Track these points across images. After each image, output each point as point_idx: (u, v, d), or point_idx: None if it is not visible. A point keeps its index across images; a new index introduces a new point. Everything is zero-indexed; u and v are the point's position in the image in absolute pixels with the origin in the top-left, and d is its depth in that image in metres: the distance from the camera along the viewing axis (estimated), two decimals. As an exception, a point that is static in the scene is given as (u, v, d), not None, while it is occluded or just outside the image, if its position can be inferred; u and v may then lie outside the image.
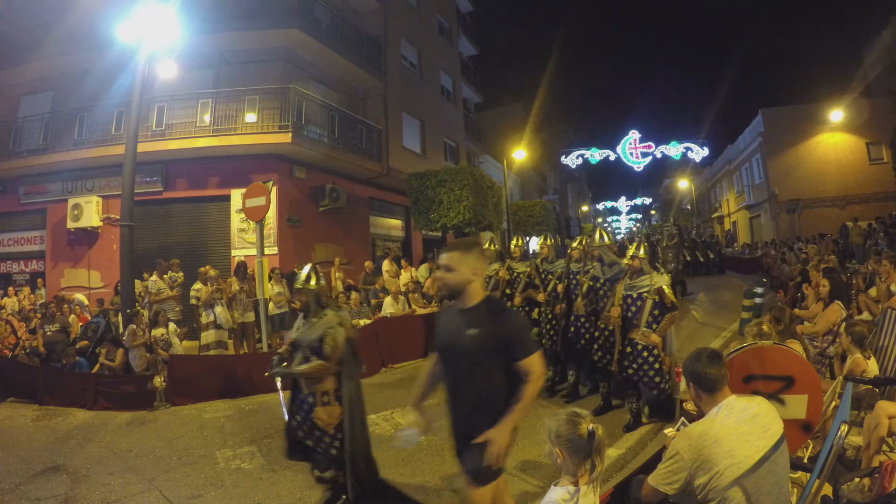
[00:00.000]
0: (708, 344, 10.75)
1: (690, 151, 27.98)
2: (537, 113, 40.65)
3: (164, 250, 13.78)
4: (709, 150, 29.05)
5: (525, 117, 38.84)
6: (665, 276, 6.60)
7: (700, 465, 2.65)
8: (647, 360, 6.19)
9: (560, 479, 2.53)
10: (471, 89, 31.76)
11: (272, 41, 15.54)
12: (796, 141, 29.76)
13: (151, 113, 14.63)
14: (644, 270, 6.48)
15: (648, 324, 6.29)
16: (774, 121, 30.55)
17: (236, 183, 14.52)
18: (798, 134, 29.61)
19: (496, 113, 40.21)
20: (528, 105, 40.83)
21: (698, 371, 2.89)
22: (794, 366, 3.71)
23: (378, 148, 18.81)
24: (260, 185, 10.87)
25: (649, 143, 27.90)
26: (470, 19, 32.46)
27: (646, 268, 6.51)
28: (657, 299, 6.27)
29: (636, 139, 27.97)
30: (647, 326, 6.27)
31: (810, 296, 9.29)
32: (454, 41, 28.62)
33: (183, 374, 8.93)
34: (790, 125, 29.73)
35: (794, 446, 3.75)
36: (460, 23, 30.04)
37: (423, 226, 18.06)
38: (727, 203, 43.07)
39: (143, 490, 5.34)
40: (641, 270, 6.48)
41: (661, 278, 6.43)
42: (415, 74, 22.95)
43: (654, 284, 6.27)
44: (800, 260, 16.85)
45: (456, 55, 28.86)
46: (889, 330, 5.96)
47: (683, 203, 59.37)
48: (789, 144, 29.92)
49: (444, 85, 26.46)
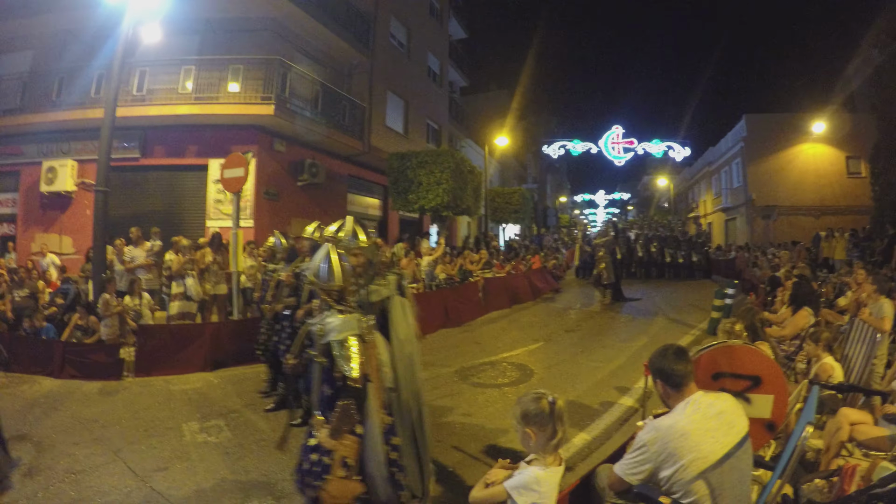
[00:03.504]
0: (677, 341, 10.98)
1: (672, 150, 28.35)
2: (522, 101, 40.79)
3: (138, 218, 13.60)
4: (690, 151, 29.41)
5: (510, 104, 38.85)
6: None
7: (666, 458, 2.72)
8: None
9: (532, 459, 2.64)
10: (457, 72, 31.71)
11: (261, 10, 15.30)
12: (777, 148, 30.10)
13: (133, 77, 14.36)
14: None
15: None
16: (757, 127, 30.85)
17: (215, 153, 14.34)
18: (779, 142, 29.94)
19: (481, 98, 40.17)
20: (513, 92, 40.93)
21: (665, 367, 2.94)
22: (762, 366, 3.81)
23: (360, 125, 18.70)
24: (239, 155, 10.78)
25: (632, 139, 28.20)
26: (462, 2, 32.28)
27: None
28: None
29: (619, 134, 28.27)
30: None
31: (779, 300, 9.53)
32: (444, 23, 28.49)
33: (152, 345, 8.84)
34: (772, 132, 30.05)
35: (757, 444, 3.84)
36: (452, 4, 29.91)
37: (401, 206, 18.08)
38: (704, 204, 43.48)
39: (108, 461, 5.29)
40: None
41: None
42: (402, 54, 22.82)
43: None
44: (771, 265, 17.13)
45: (445, 37, 28.75)
46: (855, 339, 6.12)
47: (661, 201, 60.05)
48: (770, 151, 30.24)
49: (430, 66, 26.36)
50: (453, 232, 28.07)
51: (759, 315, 5.93)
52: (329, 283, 3.41)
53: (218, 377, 8.53)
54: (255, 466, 5.21)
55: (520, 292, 16.47)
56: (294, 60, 15.89)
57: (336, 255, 3.48)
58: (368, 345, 3.41)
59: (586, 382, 8.03)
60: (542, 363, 9.27)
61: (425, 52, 25.44)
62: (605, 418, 6.46)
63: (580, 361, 9.36)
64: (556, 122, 51.30)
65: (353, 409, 3.19)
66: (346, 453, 3.20)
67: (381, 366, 3.71)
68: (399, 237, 18.83)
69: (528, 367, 8.93)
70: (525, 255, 21.85)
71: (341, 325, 3.30)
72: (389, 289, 4.22)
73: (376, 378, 3.51)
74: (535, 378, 8.33)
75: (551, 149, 29.51)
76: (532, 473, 2.57)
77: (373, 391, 3.41)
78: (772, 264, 17.34)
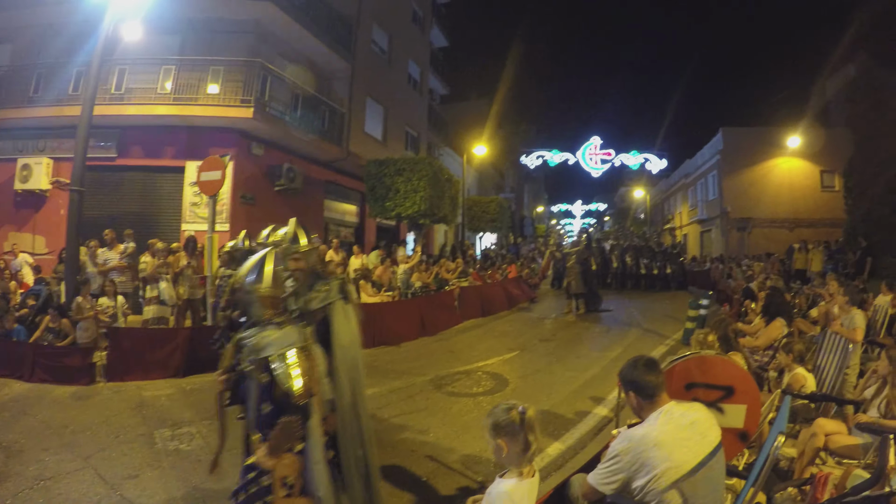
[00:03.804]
0: (651, 351, 11.05)
1: (649, 162, 28.50)
2: (501, 110, 40.94)
3: (113, 219, 13.47)
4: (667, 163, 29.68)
5: (489, 113, 38.92)
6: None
7: (639, 468, 2.72)
8: None
9: (506, 472, 2.60)
10: (438, 80, 31.77)
11: (244, 12, 15.21)
12: (753, 162, 30.55)
13: (112, 75, 14.21)
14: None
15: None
16: (734, 140, 31.29)
17: (192, 155, 14.22)
18: (755, 155, 30.40)
19: (461, 106, 40.21)
20: (492, 102, 41.02)
21: (636, 379, 2.95)
22: (735, 377, 3.85)
23: (339, 131, 18.66)
24: (217, 158, 10.73)
25: (609, 151, 28.29)
26: (445, 10, 32.34)
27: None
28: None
29: (597, 145, 28.34)
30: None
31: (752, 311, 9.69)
32: (426, 30, 28.54)
33: (125, 349, 8.73)
34: (748, 146, 30.51)
35: (731, 453, 3.90)
36: (435, 13, 29.96)
37: (378, 213, 18.06)
38: (680, 215, 43.94)
39: (78, 468, 5.22)
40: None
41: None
42: (383, 60, 22.82)
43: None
44: (745, 276, 17.37)
45: (427, 45, 28.81)
46: (828, 349, 6.23)
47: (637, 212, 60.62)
48: (746, 164, 30.68)
49: (411, 73, 26.39)
50: (430, 240, 28.06)
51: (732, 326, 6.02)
52: (255, 287, 3.21)
53: (191, 383, 8.44)
54: (228, 475, 5.16)
55: (495, 301, 16.50)
56: (275, 64, 15.81)
57: (272, 259, 3.34)
58: (311, 358, 3.28)
59: (561, 392, 8.05)
60: (517, 372, 9.29)
61: (406, 59, 25.47)
62: (579, 428, 6.49)
63: (555, 371, 9.39)
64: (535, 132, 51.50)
65: (297, 426, 3.06)
66: (286, 472, 3.05)
67: (320, 378, 3.55)
68: (376, 244, 18.82)
69: (502, 377, 8.94)
70: (501, 265, 21.91)
71: (281, 338, 3.16)
72: (332, 294, 4.05)
73: (318, 392, 3.36)
74: (509, 387, 8.34)
75: (529, 159, 29.55)
76: (503, 489, 2.54)
77: (316, 406, 3.28)
78: (746, 275, 17.57)
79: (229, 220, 14.61)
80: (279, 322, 3.25)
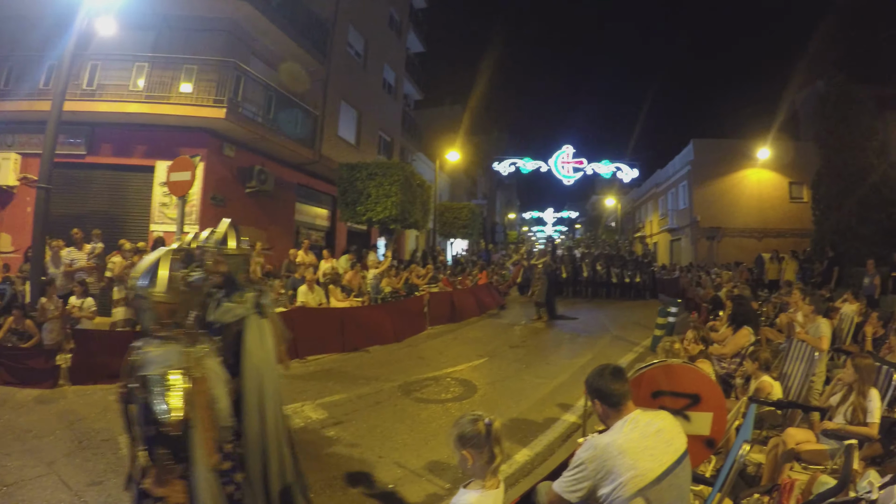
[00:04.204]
0: (620, 358, 11.22)
1: (620, 171, 28.92)
2: (475, 117, 41.14)
3: (81, 218, 13.25)
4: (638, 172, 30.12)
5: (462, 120, 39.06)
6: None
7: (604, 476, 2.72)
8: None
9: (470, 482, 2.60)
10: (413, 85, 31.74)
11: (220, 10, 15.10)
12: (723, 172, 31.12)
13: (84, 71, 14.00)
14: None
15: None
16: (704, 151, 31.83)
17: (163, 154, 14.02)
18: (725, 166, 30.99)
19: (435, 112, 40.30)
20: (466, 108, 41.22)
21: (602, 387, 2.96)
22: (702, 385, 3.89)
23: (312, 134, 18.60)
24: (187, 159, 10.60)
25: (581, 160, 28.65)
26: (422, 16, 32.38)
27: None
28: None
29: (569, 154, 28.68)
30: None
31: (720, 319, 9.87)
32: (403, 35, 28.53)
33: (91, 352, 8.57)
34: (719, 157, 31.09)
35: (697, 460, 3.93)
36: (411, 18, 29.97)
37: (349, 217, 18.00)
38: (650, 224, 44.42)
39: (41, 474, 5.12)
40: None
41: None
42: (358, 64, 22.78)
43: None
44: (714, 284, 17.64)
45: (402, 50, 28.80)
46: (794, 357, 6.38)
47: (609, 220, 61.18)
48: (716, 175, 31.24)
49: (386, 78, 26.35)
50: (401, 245, 28.04)
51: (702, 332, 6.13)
52: (147, 291, 2.91)
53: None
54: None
55: (465, 307, 16.51)
56: (249, 64, 15.72)
57: (167, 262, 3.01)
58: (197, 381, 2.90)
59: (530, 399, 8.09)
60: (486, 379, 9.29)
61: (382, 64, 25.43)
62: (547, 434, 6.53)
63: (524, 377, 9.43)
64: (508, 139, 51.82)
65: (169, 460, 2.76)
66: (179, 500, 2.80)
67: (215, 402, 3.13)
68: (346, 249, 18.76)
69: (471, 383, 8.94)
70: (472, 271, 21.97)
71: (160, 358, 2.84)
72: (246, 307, 3.85)
73: (206, 418, 2.98)
74: (478, 394, 8.34)
75: (502, 166, 29.79)
76: (466, 500, 2.54)
77: (199, 436, 2.90)
78: (715, 284, 17.84)
79: (199, 221, 14.38)
80: (165, 336, 2.95)
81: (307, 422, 6.76)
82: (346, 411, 7.18)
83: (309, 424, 6.67)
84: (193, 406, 2.83)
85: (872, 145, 20.95)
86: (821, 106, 22.64)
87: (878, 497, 3.11)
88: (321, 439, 6.17)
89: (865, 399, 4.62)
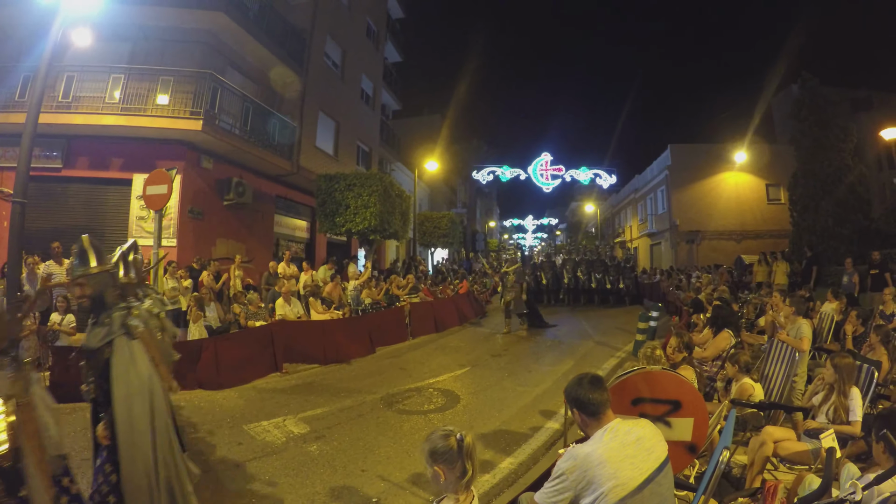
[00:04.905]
0: (604, 363, 11.26)
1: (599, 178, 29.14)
2: (453, 126, 41.31)
3: (57, 232, 13.05)
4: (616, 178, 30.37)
5: (441, 129, 39.25)
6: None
7: (585, 486, 2.72)
8: None
9: (443, 498, 2.57)
10: (391, 96, 31.78)
11: (196, 21, 15.03)
12: (701, 176, 31.49)
13: (60, 82, 13.87)
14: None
15: None
16: (682, 156, 32.20)
17: (140, 167, 13.93)
18: (703, 170, 31.37)
19: (413, 122, 40.37)
20: (445, 117, 41.41)
21: (580, 397, 2.95)
22: (682, 391, 3.92)
23: (290, 145, 18.55)
24: (163, 172, 10.45)
25: (560, 167, 28.82)
26: (399, 26, 32.51)
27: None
28: None
29: (548, 161, 28.83)
30: None
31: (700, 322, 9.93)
32: (380, 46, 28.59)
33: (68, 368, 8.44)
34: (697, 161, 31.47)
35: (680, 466, 3.97)
36: (389, 28, 30.10)
37: (328, 229, 17.93)
38: (630, 229, 44.72)
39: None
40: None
41: None
42: (336, 74, 22.77)
43: None
44: (694, 288, 17.74)
45: (380, 60, 28.84)
46: (775, 358, 6.42)
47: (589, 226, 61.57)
48: (694, 179, 31.59)
49: (364, 88, 26.37)
50: (382, 255, 27.99)
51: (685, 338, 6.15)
52: None
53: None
54: None
55: (446, 317, 16.47)
56: (226, 75, 15.66)
57: None
58: (22, 408, 2.74)
59: (513, 407, 8.07)
60: (469, 388, 9.26)
61: (359, 74, 25.43)
62: (531, 443, 6.51)
63: (507, 386, 9.40)
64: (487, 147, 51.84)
65: (3, 494, 2.61)
66: None
67: (45, 429, 2.96)
68: (326, 260, 18.69)
69: (454, 393, 8.90)
70: (453, 280, 21.95)
71: None
72: (111, 329, 3.59)
73: (36, 448, 2.81)
74: (461, 404, 8.30)
75: (481, 174, 29.86)
76: None
77: (32, 466, 2.75)
78: (695, 287, 17.93)
79: (176, 235, 14.34)
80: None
81: (289, 436, 6.68)
82: (328, 425, 7.11)
83: (291, 439, 6.59)
84: (26, 437, 2.69)
85: (847, 147, 21.41)
86: (796, 109, 23.05)
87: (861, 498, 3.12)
88: (303, 454, 6.09)
89: (847, 398, 4.65)
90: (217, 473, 5.52)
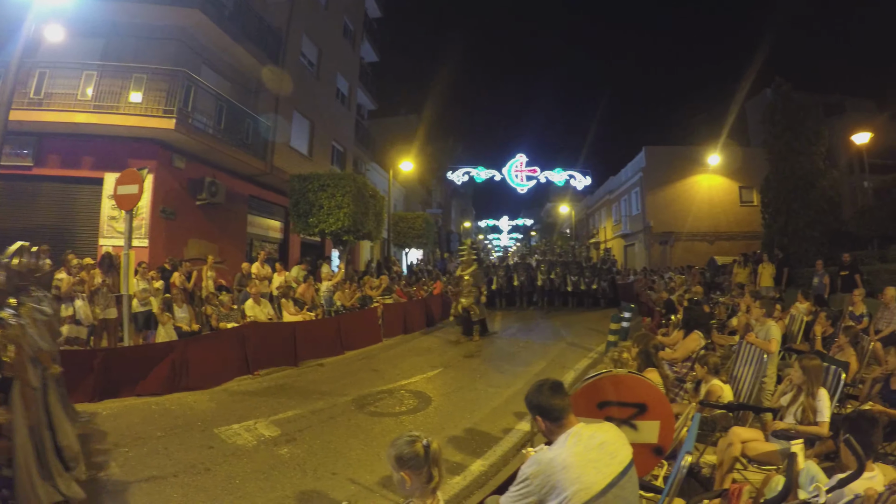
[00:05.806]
0: (576, 364, 11.35)
1: (574, 179, 29.32)
2: (429, 126, 41.25)
3: (27, 232, 12.76)
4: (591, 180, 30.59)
5: (416, 130, 39.23)
6: None
7: (549, 491, 2.73)
8: None
9: (409, 503, 2.58)
10: (366, 96, 31.65)
11: (170, 18, 14.88)
12: (675, 178, 31.93)
13: (31, 79, 13.58)
14: None
15: None
16: (656, 158, 32.63)
17: (112, 166, 13.65)
18: (677, 172, 31.83)
19: (389, 122, 40.30)
20: (420, 118, 41.35)
21: (541, 403, 2.97)
22: (648, 394, 3.96)
23: (264, 145, 18.44)
24: (134, 171, 10.31)
25: (535, 168, 28.96)
26: (376, 25, 32.40)
27: None
28: None
29: (522, 162, 28.96)
30: None
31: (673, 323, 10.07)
32: (357, 45, 28.46)
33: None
34: (670, 163, 31.94)
35: (647, 468, 4.01)
36: (366, 28, 29.97)
37: (302, 229, 17.83)
38: (604, 230, 45.18)
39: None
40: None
41: None
42: (312, 74, 22.64)
43: None
44: (668, 288, 17.91)
45: (356, 60, 28.72)
46: (744, 360, 6.50)
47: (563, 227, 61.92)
48: (668, 181, 32.02)
49: (339, 88, 26.24)
50: (356, 256, 27.90)
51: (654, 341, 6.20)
52: None
53: (107, 408, 8.01)
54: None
55: (419, 319, 16.49)
56: (200, 73, 15.52)
57: None
58: None
59: (484, 409, 8.10)
60: (441, 390, 9.30)
61: (335, 73, 25.32)
62: (502, 444, 6.53)
63: (479, 387, 9.43)
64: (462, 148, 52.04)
65: None
66: None
67: None
68: (300, 261, 18.60)
69: (425, 395, 8.93)
70: (427, 281, 21.94)
71: None
72: None
73: None
74: (432, 406, 8.31)
75: (456, 175, 29.89)
76: None
77: None
78: (668, 287, 18.10)
79: (148, 235, 14.15)
80: None
81: (259, 439, 6.64)
82: (299, 427, 7.08)
83: (261, 442, 6.55)
84: None
85: (819, 150, 21.77)
86: (769, 113, 23.37)
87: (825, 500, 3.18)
88: (273, 458, 6.06)
89: (815, 399, 4.72)
90: (186, 478, 5.47)
